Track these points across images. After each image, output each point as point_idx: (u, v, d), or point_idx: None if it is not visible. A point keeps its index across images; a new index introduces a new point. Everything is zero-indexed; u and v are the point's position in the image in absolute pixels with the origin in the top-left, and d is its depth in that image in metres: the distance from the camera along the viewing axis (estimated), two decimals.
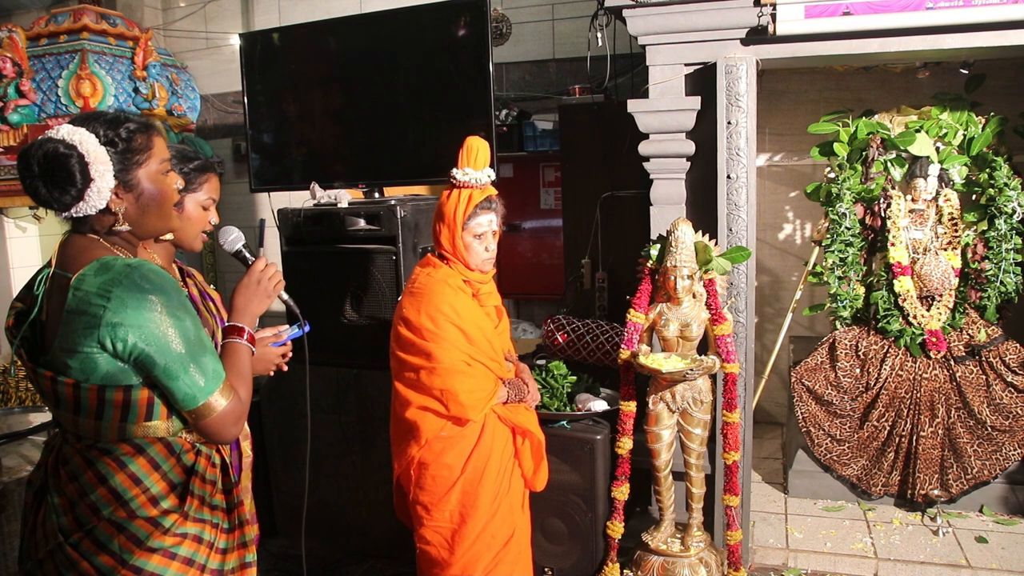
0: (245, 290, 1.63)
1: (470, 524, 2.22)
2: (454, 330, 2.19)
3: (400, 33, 3.31)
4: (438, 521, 2.24)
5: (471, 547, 2.23)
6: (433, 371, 2.18)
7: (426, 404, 2.21)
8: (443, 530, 2.24)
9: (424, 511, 2.26)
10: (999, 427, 3.22)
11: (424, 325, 2.19)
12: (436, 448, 2.22)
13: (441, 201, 2.29)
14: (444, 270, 2.28)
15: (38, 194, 1.38)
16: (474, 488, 2.23)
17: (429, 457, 2.23)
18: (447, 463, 2.23)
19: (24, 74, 4.29)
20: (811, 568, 3.06)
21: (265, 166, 3.71)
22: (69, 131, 1.37)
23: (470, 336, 2.22)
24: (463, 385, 2.19)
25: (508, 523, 2.31)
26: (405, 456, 2.27)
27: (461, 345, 2.20)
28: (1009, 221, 3.26)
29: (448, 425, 2.22)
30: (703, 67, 2.90)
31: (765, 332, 4.45)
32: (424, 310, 2.20)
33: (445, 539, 2.24)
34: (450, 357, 2.18)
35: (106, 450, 1.41)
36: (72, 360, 1.35)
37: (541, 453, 2.42)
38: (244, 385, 1.51)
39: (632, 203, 3.46)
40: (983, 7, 2.57)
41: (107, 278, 1.33)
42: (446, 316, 2.19)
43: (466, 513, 2.22)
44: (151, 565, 1.39)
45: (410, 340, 2.21)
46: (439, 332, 2.18)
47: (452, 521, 2.24)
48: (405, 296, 2.29)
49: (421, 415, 2.21)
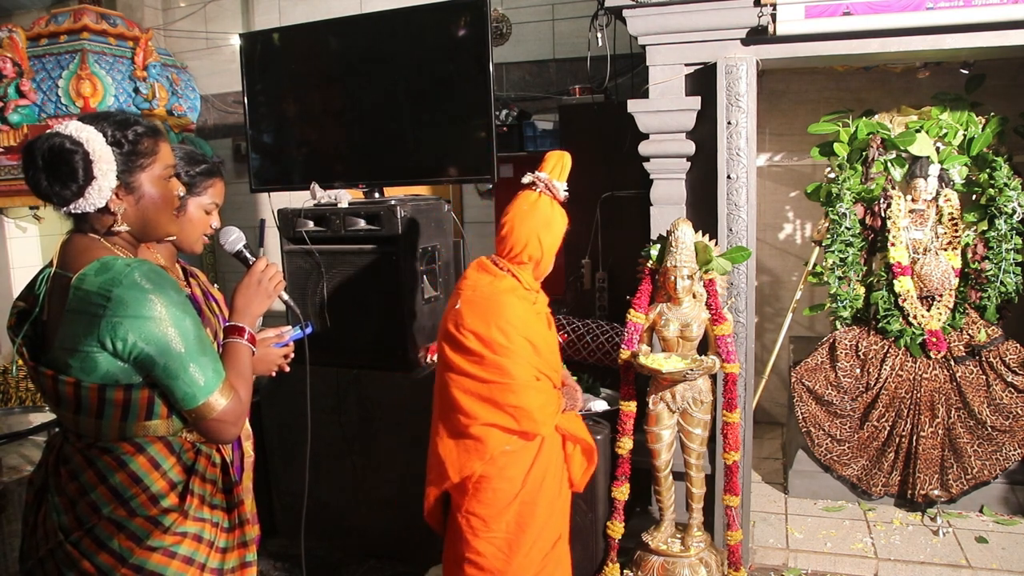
0: (246, 290, 1.63)
1: (528, 533, 2.17)
2: (525, 343, 2.14)
3: (400, 33, 3.31)
4: (495, 532, 2.17)
5: (527, 555, 2.18)
6: (507, 387, 2.11)
7: (495, 420, 2.13)
8: (499, 541, 2.17)
9: (481, 523, 2.18)
10: (999, 427, 3.22)
11: (495, 339, 2.11)
12: (500, 463, 2.15)
13: (546, 211, 2.22)
14: (509, 280, 2.21)
15: (39, 186, 1.38)
16: (533, 498, 2.18)
17: (492, 471, 2.15)
18: (509, 476, 2.16)
19: (24, 74, 4.29)
20: (811, 568, 3.07)
21: (265, 166, 3.71)
22: (77, 127, 1.38)
23: (538, 348, 2.18)
24: (535, 401, 2.14)
25: (558, 526, 2.29)
26: (464, 470, 2.17)
27: (531, 359, 2.15)
28: (1009, 221, 3.26)
29: (513, 439, 2.16)
30: (703, 67, 2.90)
31: (765, 332, 4.45)
32: (494, 323, 2.12)
33: (501, 550, 2.17)
34: (523, 372, 2.13)
35: (106, 449, 1.41)
36: (73, 359, 1.35)
37: (593, 459, 2.38)
38: (244, 385, 1.51)
39: (632, 203, 3.46)
40: (983, 7, 2.57)
41: (108, 278, 1.33)
42: (517, 329, 2.13)
43: (524, 523, 2.17)
44: (151, 564, 1.39)
45: (479, 354, 2.13)
46: (511, 346, 2.11)
47: (509, 532, 2.17)
48: (465, 305, 2.17)
49: (487, 431, 2.14)
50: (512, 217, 2.23)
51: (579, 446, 2.33)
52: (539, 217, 2.21)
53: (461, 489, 2.20)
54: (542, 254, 2.22)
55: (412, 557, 3.14)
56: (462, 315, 2.16)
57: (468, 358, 2.14)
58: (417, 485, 3.11)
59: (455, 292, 2.27)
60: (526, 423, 2.13)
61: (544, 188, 2.24)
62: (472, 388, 2.14)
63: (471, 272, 2.27)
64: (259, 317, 1.64)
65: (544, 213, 2.22)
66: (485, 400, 2.13)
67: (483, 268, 2.26)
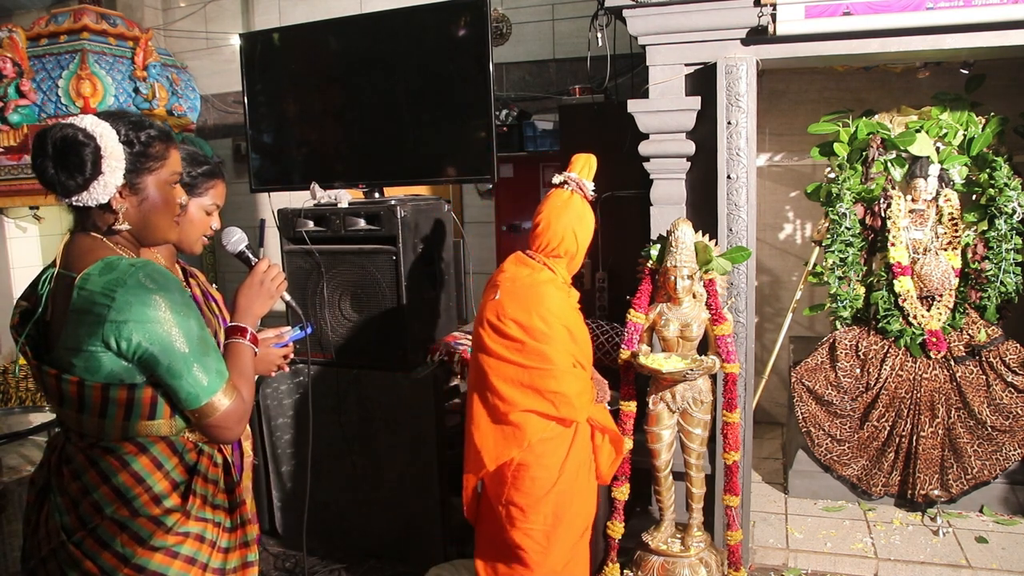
0: (248, 291, 1.64)
1: (563, 524, 2.22)
2: (564, 331, 2.21)
3: (400, 33, 3.31)
4: (533, 523, 2.21)
5: (561, 546, 2.24)
6: (547, 373, 2.18)
7: (534, 406, 2.19)
8: (537, 533, 2.21)
9: (520, 513, 2.22)
10: (999, 427, 3.22)
11: (536, 326, 2.18)
12: (538, 451, 2.20)
13: (580, 209, 2.32)
14: (547, 272, 2.29)
15: (45, 173, 1.38)
16: (570, 488, 2.23)
17: (530, 459, 2.20)
18: (547, 464, 2.21)
19: (24, 74, 4.29)
20: (811, 568, 3.07)
21: (265, 166, 3.72)
22: (92, 122, 1.39)
23: (575, 336, 2.25)
24: (574, 387, 2.20)
25: (587, 518, 2.35)
26: (501, 456, 2.22)
27: (569, 346, 2.22)
28: (1009, 221, 3.26)
29: (551, 426, 2.21)
30: (703, 67, 2.90)
31: (765, 332, 4.45)
32: (535, 311, 2.19)
33: (539, 542, 2.22)
34: (563, 359, 2.19)
35: (109, 449, 1.41)
36: (76, 359, 1.35)
37: (621, 449, 2.45)
38: (246, 385, 1.51)
39: (632, 203, 3.47)
40: (983, 7, 2.57)
41: (112, 277, 1.34)
42: (556, 317, 2.20)
43: (560, 514, 2.22)
44: (153, 564, 1.39)
45: (520, 340, 2.19)
46: (551, 333, 2.18)
47: (546, 523, 2.21)
48: (505, 295, 2.25)
49: (526, 418, 2.19)
50: (548, 214, 2.32)
51: (607, 436, 2.38)
52: (573, 213, 2.31)
53: (499, 478, 2.24)
54: (577, 248, 2.32)
55: (412, 557, 3.14)
56: (503, 304, 2.23)
57: (509, 345, 2.20)
58: (417, 485, 3.13)
59: (491, 285, 2.33)
60: (565, 409, 2.19)
61: (576, 187, 2.34)
62: (512, 375, 2.20)
63: (509, 265, 2.34)
64: (261, 317, 1.64)
65: (577, 209, 2.32)
66: (525, 387, 2.19)
67: (521, 261, 2.34)
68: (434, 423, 3.05)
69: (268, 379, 3.21)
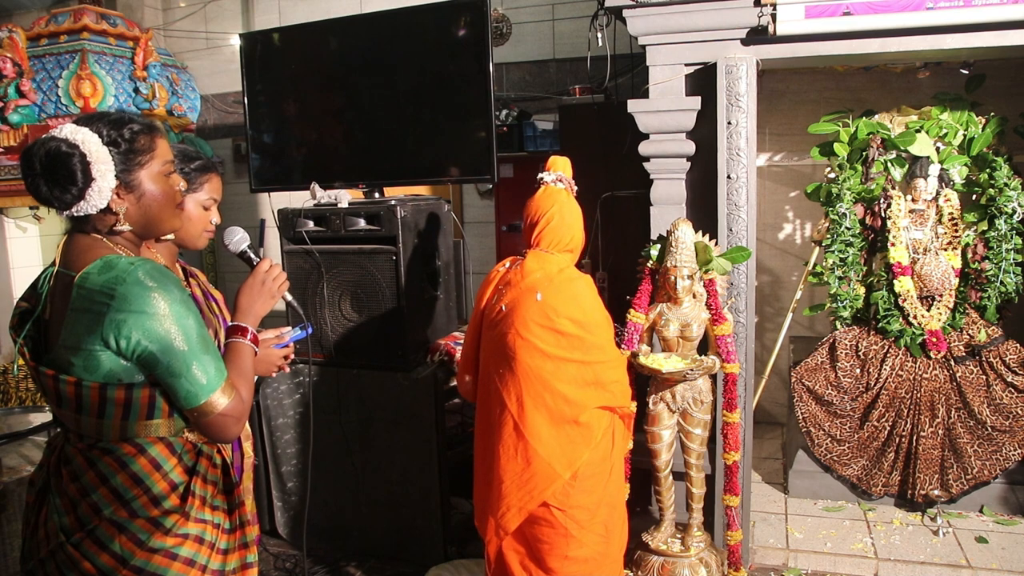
0: (249, 290, 1.64)
1: (617, 510, 2.25)
2: (607, 320, 2.25)
3: (400, 33, 3.31)
4: (597, 518, 2.19)
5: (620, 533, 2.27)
6: (608, 365, 2.19)
7: (600, 402, 2.19)
8: (599, 527, 2.20)
9: (588, 514, 2.18)
10: (999, 427, 3.22)
11: (590, 319, 2.19)
12: (603, 446, 2.20)
13: (574, 205, 2.35)
14: (572, 267, 2.32)
15: (39, 192, 1.38)
16: (618, 475, 2.28)
17: (596, 457, 2.19)
18: (602, 456, 2.21)
19: (24, 74, 4.29)
20: (811, 568, 3.07)
21: (265, 166, 3.71)
22: (72, 130, 1.37)
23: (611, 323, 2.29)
24: (625, 374, 2.25)
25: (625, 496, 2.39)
26: (575, 462, 2.15)
27: (611, 334, 2.26)
28: (1009, 221, 3.26)
29: (606, 417, 2.22)
30: (703, 67, 2.90)
31: (765, 332, 4.45)
32: (583, 305, 2.20)
33: (602, 535, 2.20)
34: (614, 348, 2.24)
35: (108, 450, 1.41)
36: (75, 358, 1.35)
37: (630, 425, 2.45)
38: (246, 385, 1.51)
39: (632, 203, 3.46)
40: (983, 7, 2.57)
41: (111, 276, 1.33)
42: (598, 308, 2.23)
43: (613, 502, 2.23)
44: (152, 565, 1.39)
45: (579, 338, 2.16)
46: (602, 323, 2.22)
47: (604, 515, 2.21)
48: (551, 294, 2.18)
49: (597, 416, 2.18)
50: (556, 211, 2.30)
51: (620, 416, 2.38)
52: (576, 210, 2.35)
53: (568, 487, 2.16)
54: (580, 242, 2.35)
55: (412, 557, 3.14)
56: (550, 304, 2.18)
57: (570, 343, 2.17)
58: (417, 485, 3.13)
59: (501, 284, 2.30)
60: (622, 397, 2.21)
61: (568, 186, 2.39)
62: (575, 374, 2.17)
63: (532, 264, 2.27)
64: (262, 317, 1.64)
65: (576, 207, 2.37)
66: (590, 384, 2.18)
67: (543, 260, 2.28)
68: (434, 423, 3.05)
69: (268, 379, 3.21)
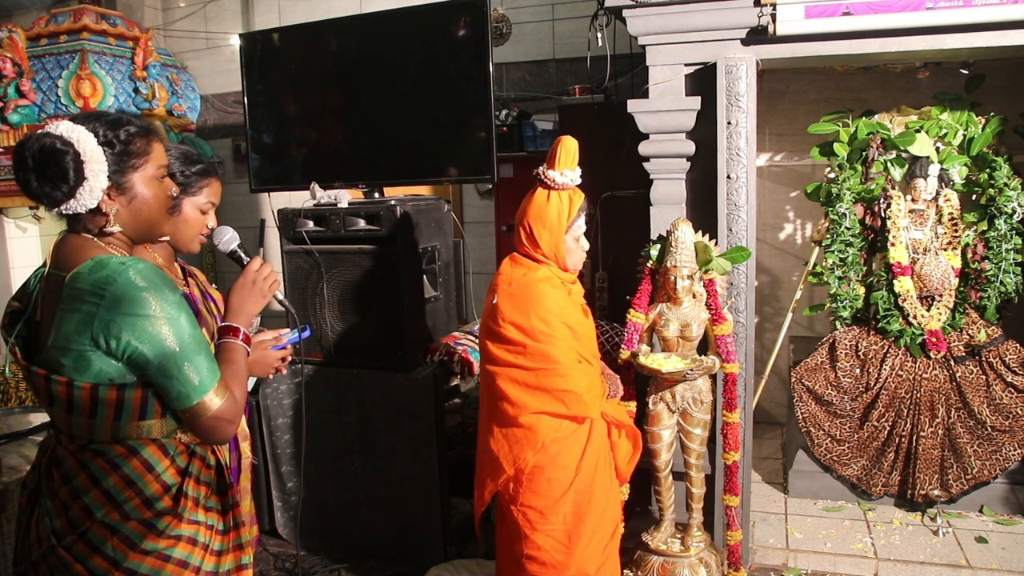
0: (240, 290, 1.62)
1: (586, 523, 2.20)
2: (565, 329, 2.18)
3: (400, 33, 3.31)
4: (552, 524, 2.19)
5: (587, 546, 2.20)
6: (554, 372, 2.15)
7: (543, 407, 2.16)
8: (557, 533, 2.19)
9: (538, 515, 2.19)
10: (999, 427, 3.22)
11: (536, 327, 2.15)
12: (552, 451, 2.17)
13: (538, 203, 2.23)
14: (542, 270, 2.25)
15: (29, 187, 1.37)
16: (588, 487, 2.20)
17: (545, 460, 2.17)
18: (563, 464, 2.18)
19: (24, 74, 4.29)
20: (811, 568, 3.06)
21: (265, 166, 3.71)
22: (68, 128, 1.36)
23: (576, 333, 2.22)
24: (582, 383, 2.18)
25: (614, 516, 2.32)
26: (518, 461, 2.18)
27: (572, 343, 2.19)
28: (1009, 221, 3.26)
29: (564, 425, 2.18)
30: (703, 67, 2.90)
31: (765, 332, 4.44)
32: (533, 312, 2.16)
33: (561, 542, 2.19)
34: (567, 356, 2.17)
35: (100, 452, 1.40)
36: (66, 358, 1.35)
37: (639, 444, 2.42)
38: (239, 385, 1.49)
39: (632, 203, 3.46)
40: (983, 7, 2.57)
41: (101, 276, 1.32)
42: (556, 315, 2.17)
43: (581, 513, 2.19)
44: (145, 567, 1.38)
45: (522, 343, 2.15)
46: (552, 333, 2.15)
47: (566, 523, 2.19)
48: (502, 298, 2.21)
49: (537, 419, 2.16)
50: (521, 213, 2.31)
51: (624, 431, 2.36)
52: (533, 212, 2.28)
53: (515, 482, 2.20)
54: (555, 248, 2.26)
55: (412, 557, 3.14)
56: (500, 308, 2.20)
57: (511, 349, 2.17)
58: (417, 485, 3.13)
59: (491, 289, 2.31)
60: (576, 407, 2.16)
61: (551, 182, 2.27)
62: (519, 377, 2.17)
63: (505, 267, 2.30)
64: (254, 317, 1.63)
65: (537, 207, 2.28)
66: (533, 388, 2.16)
67: (516, 262, 2.29)
68: (434, 423, 3.05)
69: (268, 379, 3.21)
